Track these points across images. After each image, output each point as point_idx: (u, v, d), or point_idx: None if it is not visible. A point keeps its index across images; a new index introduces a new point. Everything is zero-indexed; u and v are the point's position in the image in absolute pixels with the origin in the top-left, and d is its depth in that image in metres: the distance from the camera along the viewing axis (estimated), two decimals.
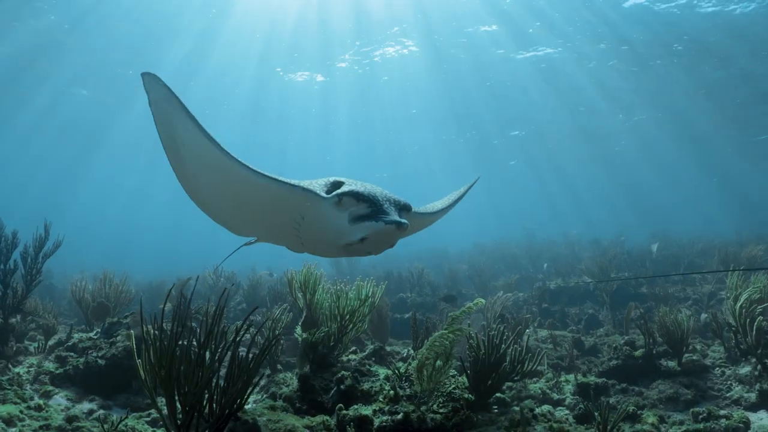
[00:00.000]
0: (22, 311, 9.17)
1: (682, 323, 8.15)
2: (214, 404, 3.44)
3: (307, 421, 5.34)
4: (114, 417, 6.16)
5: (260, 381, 7.79)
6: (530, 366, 6.37)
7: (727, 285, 8.55)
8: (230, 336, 3.59)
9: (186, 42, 27.48)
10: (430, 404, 5.53)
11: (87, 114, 36.59)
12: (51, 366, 7.57)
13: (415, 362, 5.57)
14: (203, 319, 3.34)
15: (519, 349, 6.33)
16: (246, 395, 3.56)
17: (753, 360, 7.55)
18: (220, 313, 3.41)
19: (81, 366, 7.27)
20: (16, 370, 7.42)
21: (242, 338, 3.53)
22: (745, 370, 7.66)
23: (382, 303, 9.30)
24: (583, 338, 10.79)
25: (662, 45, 26.33)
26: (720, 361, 8.24)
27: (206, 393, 3.41)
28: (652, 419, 6.09)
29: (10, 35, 25.69)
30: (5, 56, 27.65)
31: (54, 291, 17.25)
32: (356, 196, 4.40)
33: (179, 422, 3.41)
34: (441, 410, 5.46)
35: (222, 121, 38.11)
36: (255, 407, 5.70)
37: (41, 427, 5.60)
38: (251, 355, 3.55)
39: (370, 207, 4.38)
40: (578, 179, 60.01)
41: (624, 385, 7.80)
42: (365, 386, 6.19)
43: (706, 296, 13.16)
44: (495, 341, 6.17)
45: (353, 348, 7.71)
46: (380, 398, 5.59)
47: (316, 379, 6.38)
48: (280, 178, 4.35)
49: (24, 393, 6.44)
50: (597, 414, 5.16)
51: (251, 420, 4.94)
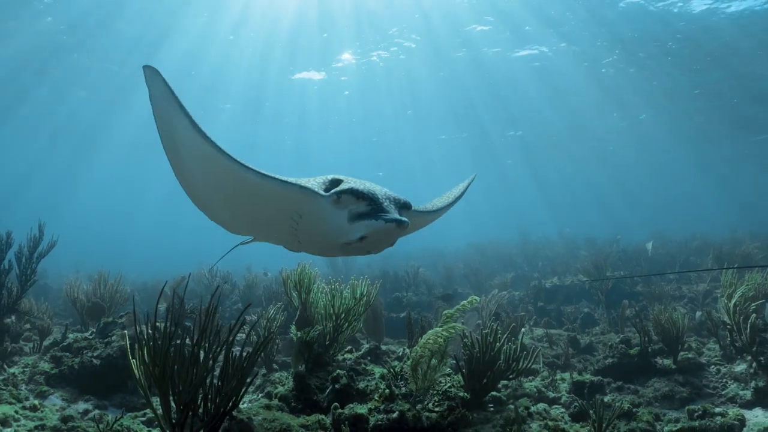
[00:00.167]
0: (17, 311, 9.15)
1: (678, 321, 8.16)
2: (209, 403, 3.44)
3: (303, 420, 5.33)
4: (109, 417, 6.16)
5: (255, 380, 7.78)
6: (525, 364, 6.36)
7: (722, 283, 8.57)
8: (224, 334, 3.58)
9: (186, 41, 27.40)
10: (426, 403, 5.53)
11: (86, 114, 36.52)
12: (46, 366, 7.56)
13: (410, 360, 5.57)
14: (197, 318, 3.33)
15: (514, 347, 6.33)
16: (241, 394, 3.55)
17: (748, 358, 7.57)
18: (213, 311, 3.40)
19: (76, 366, 7.26)
20: (11, 371, 7.40)
21: (236, 337, 3.53)
22: (741, 368, 7.68)
23: (377, 302, 9.29)
24: (579, 337, 10.79)
25: (658, 44, 26.37)
26: (715, 359, 8.26)
27: (201, 392, 3.41)
28: (648, 417, 6.10)
29: (10, 37, 25.64)
30: (5, 57, 27.63)
31: (49, 291, 17.22)
32: (355, 194, 4.28)
33: (174, 421, 3.40)
34: (436, 409, 5.46)
35: (221, 121, 38.12)
36: (250, 406, 5.70)
37: (36, 428, 5.60)
38: (245, 354, 3.55)
39: (370, 205, 4.26)
40: (575, 178, 60.15)
41: (620, 383, 7.82)
42: (361, 385, 6.19)
43: (702, 294, 13.19)
44: (489, 339, 6.17)
45: (349, 347, 7.70)
46: (376, 397, 5.59)
47: (312, 378, 6.38)
48: (277, 176, 4.25)
49: (19, 393, 6.44)
50: (592, 412, 5.16)
51: (246, 419, 4.94)
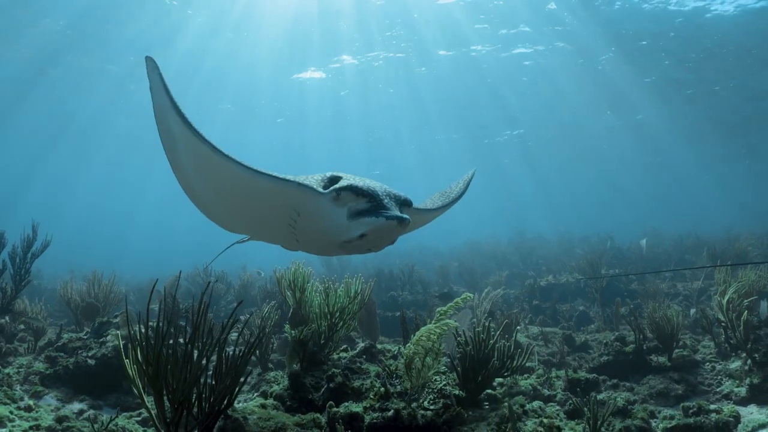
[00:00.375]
0: (12, 312, 9.13)
1: (672, 319, 8.19)
2: (203, 402, 3.43)
3: (298, 419, 5.33)
4: (104, 417, 6.15)
5: (250, 379, 7.78)
6: (520, 361, 6.36)
7: (716, 280, 8.60)
8: (218, 333, 3.56)
9: (186, 40, 27.30)
10: (421, 401, 5.53)
11: (85, 114, 36.42)
12: (41, 366, 7.54)
13: (404, 358, 5.56)
14: (191, 317, 3.32)
15: (508, 345, 6.33)
16: (235, 392, 3.55)
17: (743, 355, 7.60)
18: (205, 309, 3.39)
19: (71, 366, 7.25)
20: (6, 371, 7.38)
21: (230, 335, 3.52)
22: (735, 365, 7.71)
23: (371, 301, 9.27)
24: (574, 335, 10.81)
25: (653, 41, 26.38)
26: (710, 356, 8.30)
27: (195, 390, 3.40)
28: (643, 414, 6.11)
29: (10, 38, 25.62)
30: (9, 60, 27.64)
31: (44, 292, 17.18)
32: (355, 191, 4.21)
33: (168, 420, 3.40)
34: (432, 407, 5.47)
35: (220, 120, 38.12)
36: (245, 405, 5.70)
37: (31, 428, 5.58)
38: (239, 352, 3.54)
39: (370, 202, 4.19)
40: (573, 176, 60.25)
41: (615, 381, 7.84)
42: (356, 384, 6.19)
43: (696, 292, 13.23)
44: (482, 337, 6.17)
45: (344, 346, 7.70)
46: (371, 395, 5.58)
47: (307, 377, 6.37)
48: (274, 174, 4.19)
49: (14, 393, 6.42)
50: (586, 410, 5.17)
51: (241, 418, 4.93)
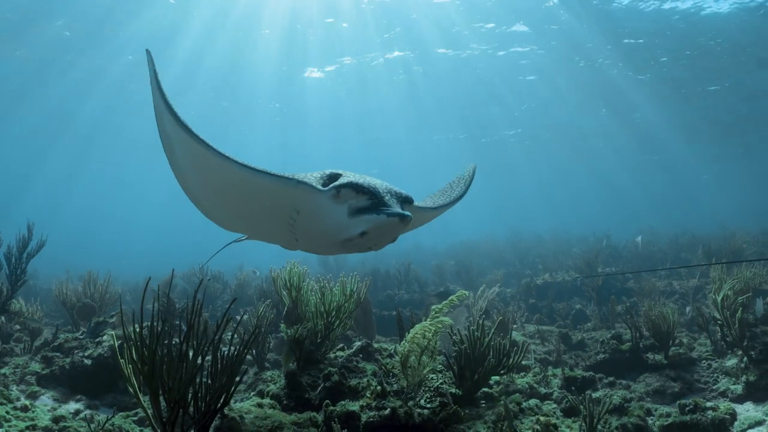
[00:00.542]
0: (8, 312, 9.11)
1: (668, 317, 8.20)
2: (199, 401, 3.43)
3: (295, 418, 5.33)
4: (101, 417, 6.15)
5: (247, 378, 7.78)
6: (515, 359, 6.37)
7: (711, 278, 8.62)
8: (213, 331, 3.55)
9: (188, 40, 27.25)
10: (418, 399, 5.53)
11: (85, 114, 36.36)
12: (37, 366, 7.53)
13: (399, 356, 5.56)
14: (185, 315, 3.32)
15: (503, 343, 6.34)
16: (231, 391, 3.54)
17: (739, 352, 7.61)
18: (200, 307, 3.37)
19: (67, 366, 7.24)
20: (2, 371, 7.37)
21: (226, 334, 3.52)
22: (732, 363, 7.72)
23: (367, 300, 9.24)
24: (571, 333, 10.82)
25: (651, 41, 26.41)
26: (706, 354, 8.30)
27: (190, 390, 3.40)
28: (639, 412, 6.12)
29: (11, 39, 25.64)
30: (9, 59, 27.64)
31: (40, 292, 17.13)
32: (355, 188, 4.14)
33: (165, 420, 3.39)
34: (428, 405, 5.47)
35: (218, 119, 38.14)
36: (242, 405, 5.69)
37: (28, 428, 5.58)
38: (234, 350, 3.53)
39: (371, 199, 4.13)
40: (572, 176, 60.40)
41: (611, 379, 7.84)
42: (352, 382, 6.19)
43: (693, 290, 13.24)
44: (476, 335, 6.17)
45: (340, 345, 7.70)
46: (367, 394, 5.59)
47: (303, 376, 6.37)
48: (273, 171, 4.12)
49: (10, 394, 6.41)
50: (582, 407, 5.18)
51: (238, 417, 4.93)
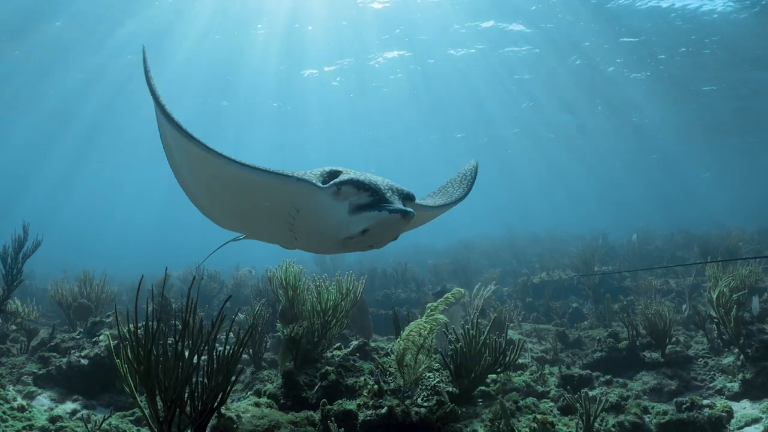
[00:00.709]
0: (4, 312, 9.09)
1: (665, 315, 8.21)
2: (196, 400, 3.42)
3: (292, 417, 5.32)
4: (98, 416, 6.14)
5: (244, 378, 7.78)
6: (511, 357, 6.38)
7: (707, 276, 8.63)
8: (208, 330, 3.53)
9: (188, 39, 27.18)
10: (415, 398, 5.53)
11: (84, 114, 36.31)
12: (34, 366, 7.53)
13: (394, 355, 5.55)
14: (180, 314, 3.30)
15: (499, 341, 6.34)
16: (227, 390, 3.54)
17: (735, 350, 7.62)
18: (194, 305, 3.36)
19: (64, 366, 7.23)
20: None
21: (220, 333, 3.52)
22: (728, 360, 7.74)
23: (362, 299, 9.20)
24: (568, 331, 10.84)
25: (648, 41, 26.42)
26: (703, 352, 8.32)
27: (187, 389, 3.39)
28: (636, 410, 6.13)
29: (13, 41, 25.59)
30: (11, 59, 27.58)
31: (37, 292, 17.10)
32: (356, 185, 4.09)
33: (161, 419, 3.39)
34: (425, 404, 5.47)
35: (216, 118, 38.14)
36: (239, 404, 5.69)
37: (24, 428, 5.57)
38: (229, 348, 3.52)
39: (372, 196, 4.06)
40: (569, 174, 60.53)
41: (608, 377, 7.85)
42: (349, 381, 6.19)
43: (689, 288, 13.25)
44: (471, 333, 6.18)
45: (337, 344, 7.70)
46: (364, 393, 5.58)
47: (300, 375, 6.37)
48: (271, 169, 4.07)
49: (7, 394, 6.39)
50: (579, 406, 5.18)
51: (235, 416, 4.92)
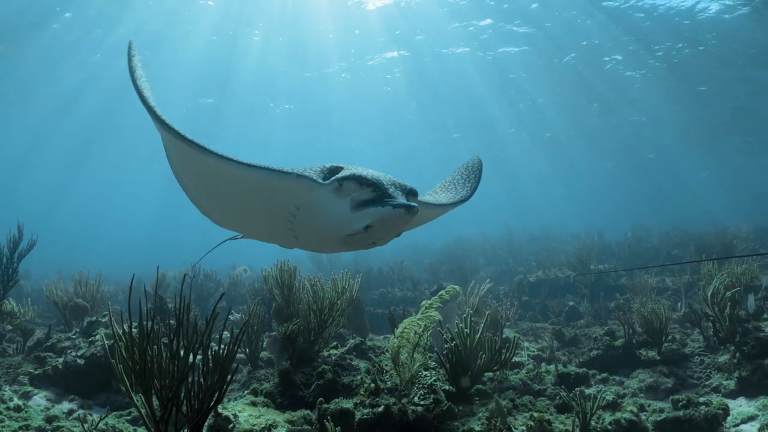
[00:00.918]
0: (0, 312, 9.07)
1: (661, 313, 8.22)
2: (192, 399, 3.41)
3: (289, 416, 5.33)
4: (94, 416, 6.13)
5: (239, 377, 7.78)
6: (507, 355, 6.39)
7: (702, 274, 8.65)
8: (204, 329, 3.52)
9: (192, 37, 27.20)
10: (411, 396, 5.54)
11: (84, 114, 36.28)
12: (30, 367, 7.51)
13: (389, 352, 5.55)
14: (175, 313, 3.29)
15: (494, 339, 6.35)
16: (224, 389, 3.53)
17: (731, 348, 7.64)
18: (187, 303, 3.34)
19: (60, 366, 7.22)
20: None
21: (214, 331, 3.50)
22: (724, 358, 7.75)
23: (358, 297, 9.17)
24: (564, 330, 10.86)
25: (645, 40, 26.47)
26: (699, 350, 8.32)
27: (183, 388, 3.38)
28: (633, 407, 6.14)
29: (13, 42, 25.58)
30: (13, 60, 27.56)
31: (32, 292, 17.07)
32: (358, 180, 3.99)
33: (158, 418, 3.38)
34: (422, 402, 5.47)
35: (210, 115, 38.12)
36: (236, 403, 5.69)
37: (21, 428, 5.56)
38: (224, 346, 3.51)
39: (375, 191, 3.97)
40: (566, 174, 60.70)
41: (605, 375, 7.86)
42: (346, 380, 6.20)
43: (684, 286, 13.27)
44: (466, 332, 6.18)
45: (334, 343, 7.71)
46: (361, 392, 5.59)
47: (297, 374, 6.37)
48: (270, 166, 3.98)
49: (3, 394, 6.38)
50: (575, 404, 5.19)
51: (232, 415, 4.92)
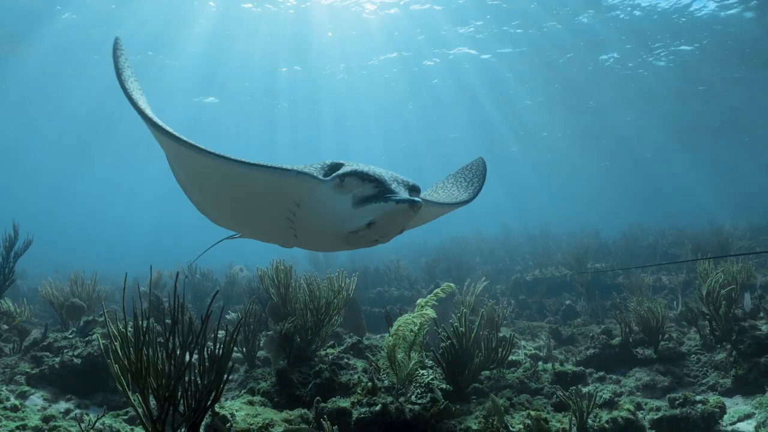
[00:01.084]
0: None
1: (657, 312, 8.23)
2: (189, 398, 3.41)
3: (286, 415, 5.32)
4: (91, 416, 6.12)
5: (236, 376, 7.77)
6: (503, 353, 6.40)
7: (698, 272, 8.66)
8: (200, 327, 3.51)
9: (195, 35, 27.32)
10: (409, 395, 5.53)
11: (83, 114, 36.23)
12: (26, 366, 7.50)
13: (384, 351, 5.55)
14: (171, 312, 3.29)
15: (489, 337, 6.35)
16: (221, 387, 3.52)
17: (728, 346, 7.64)
18: (182, 302, 3.33)
19: (57, 365, 7.21)
20: None
21: (210, 329, 3.50)
22: (721, 356, 7.75)
23: (355, 296, 9.15)
24: (561, 328, 10.86)
25: (644, 38, 26.50)
26: (696, 348, 8.33)
27: (180, 387, 3.38)
28: (629, 406, 6.14)
29: (14, 43, 25.73)
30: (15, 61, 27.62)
31: (29, 292, 17.04)
32: (360, 176, 3.92)
33: (155, 418, 3.38)
34: (419, 401, 5.47)
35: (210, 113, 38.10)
36: (233, 402, 5.68)
37: (18, 428, 5.54)
38: (220, 345, 3.50)
39: (378, 187, 3.90)
40: (563, 173, 60.77)
41: (601, 374, 7.87)
42: (343, 379, 6.20)
43: (681, 284, 13.29)
44: (461, 331, 6.18)
45: (331, 342, 7.71)
46: (358, 390, 5.59)
47: (294, 373, 6.37)
48: (269, 164, 3.93)
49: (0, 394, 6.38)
50: (571, 402, 5.20)
51: (229, 414, 4.92)
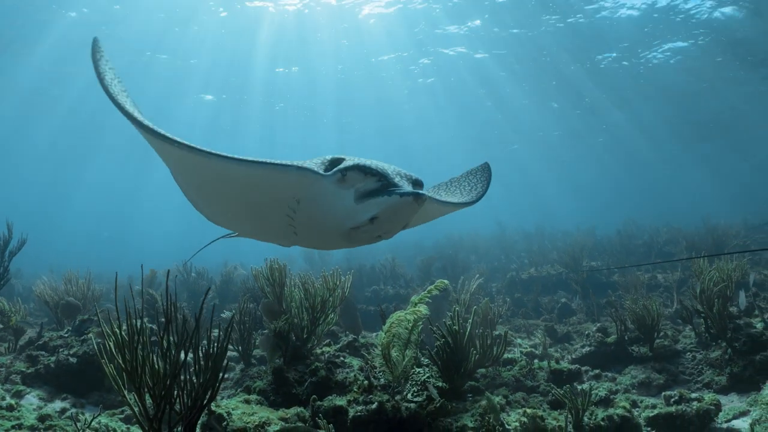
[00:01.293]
0: None
1: (653, 310, 8.25)
2: (185, 396, 3.41)
3: (282, 413, 5.32)
4: (87, 415, 6.10)
5: (232, 374, 7.77)
6: (498, 351, 6.40)
7: (693, 270, 8.69)
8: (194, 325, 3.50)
9: (185, 35, 27.34)
10: (405, 393, 5.54)
11: (84, 114, 36.16)
12: (22, 365, 7.48)
13: (379, 348, 5.55)
14: (165, 310, 3.28)
15: (484, 334, 6.36)
16: (216, 386, 3.52)
17: (723, 344, 7.67)
18: (174, 302, 3.32)
19: (52, 365, 7.20)
20: None
21: (204, 327, 3.50)
22: (716, 354, 7.77)
23: (350, 295, 9.13)
24: (556, 326, 10.88)
25: (642, 35, 26.53)
26: (691, 346, 8.36)
27: (175, 385, 3.37)
28: (625, 403, 6.16)
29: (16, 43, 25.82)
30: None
31: (24, 291, 17.01)
32: (363, 170, 3.84)
33: (151, 416, 3.37)
34: (415, 399, 5.47)
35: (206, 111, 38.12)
36: (229, 401, 5.68)
37: (14, 427, 5.53)
38: (215, 343, 3.49)
39: (380, 181, 3.83)
40: (561, 172, 60.90)
41: (597, 371, 7.90)
42: (339, 377, 6.20)
43: (676, 282, 13.32)
44: (455, 329, 6.19)
45: (327, 340, 7.71)
46: (354, 389, 5.59)
47: (290, 372, 6.37)
48: (268, 160, 3.85)
49: None
50: (567, 400, 5.21)
51: (225, 413, 4.92)
